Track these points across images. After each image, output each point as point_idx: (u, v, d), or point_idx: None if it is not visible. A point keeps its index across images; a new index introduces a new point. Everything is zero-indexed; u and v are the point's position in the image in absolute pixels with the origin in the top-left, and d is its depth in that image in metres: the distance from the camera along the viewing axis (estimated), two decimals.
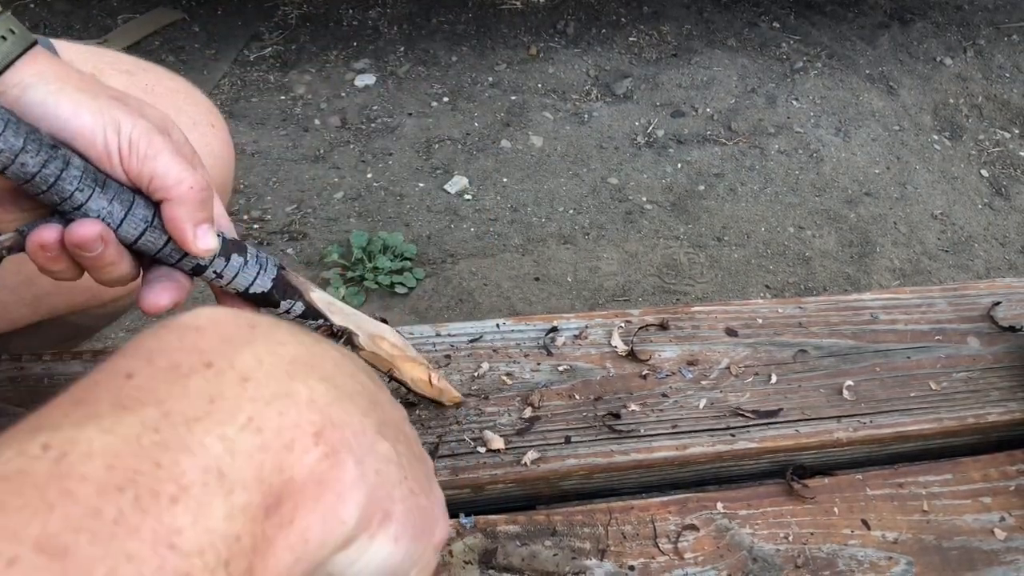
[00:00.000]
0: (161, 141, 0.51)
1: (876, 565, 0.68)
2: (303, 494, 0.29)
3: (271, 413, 0.29)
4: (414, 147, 2.31)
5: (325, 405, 0.31)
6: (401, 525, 0.33)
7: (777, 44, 2.83)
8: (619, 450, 0.73)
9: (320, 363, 0.33)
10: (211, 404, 0.28)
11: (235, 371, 0.30)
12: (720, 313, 0.87)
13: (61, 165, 0.49)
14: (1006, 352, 0.86)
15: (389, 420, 0.35)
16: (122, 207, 0.51)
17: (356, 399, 0.33)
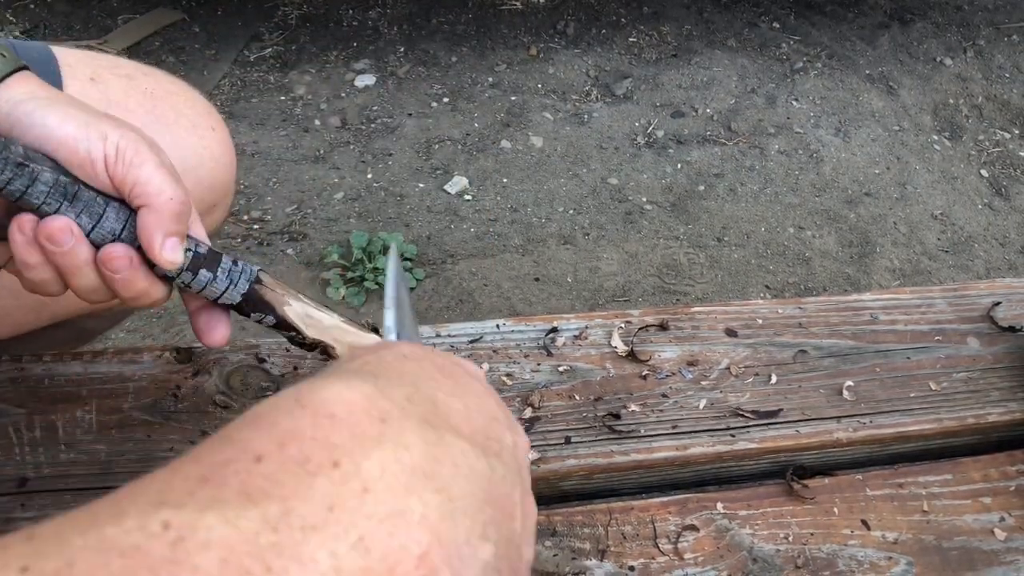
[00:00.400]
0: (148, 151, 0.52)
1: (876, 565, 0.68)
2: None
3: (382, 533, 0.29)
4: (414, 147, 2.31)
5: (437, 521, 0.30)
6: None
7: (777, 44, 2.83)
8: (619, 450, 0.73)
9: (440, 468, 0.32)
10: (330, 513, 0.28)
11: (359, 479, 0.30)
12: (720, 313, 0.87)
13: (27, 182, 0.51)
14: (1006, 352, 0.86)
15: (498, 503, 0.34)
16: (91, 219, 0.53)
17: (469, 504, 0.32)
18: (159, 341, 1.71)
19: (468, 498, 0.32)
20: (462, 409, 0.36)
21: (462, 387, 0.39)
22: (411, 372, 0.38)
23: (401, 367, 0.38)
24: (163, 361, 0.77)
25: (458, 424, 0.35)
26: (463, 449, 0.33)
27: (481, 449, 0.35)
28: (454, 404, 0.36)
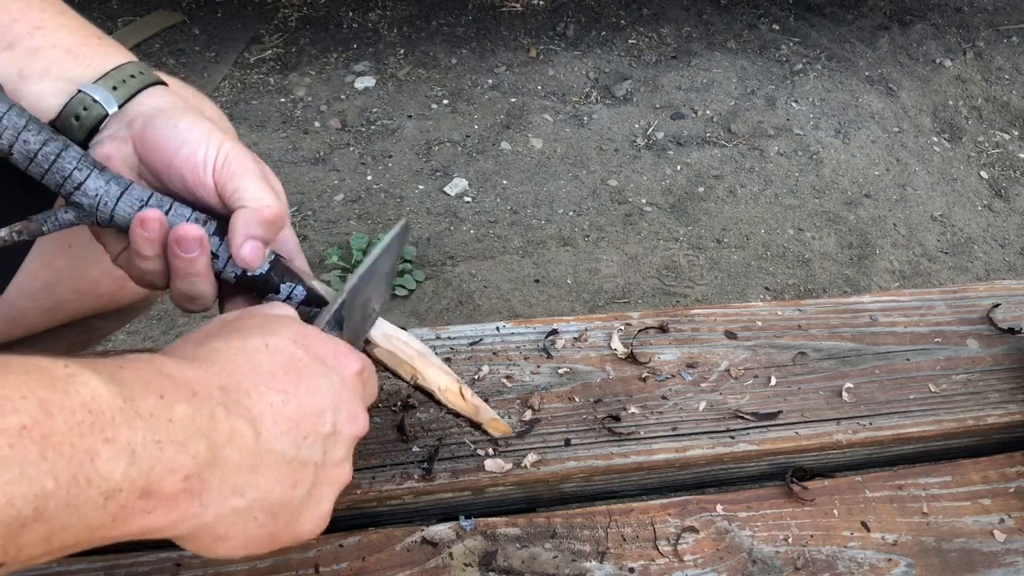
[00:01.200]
0: (253, 165, 0.57)
1: (876, 567, 0.68)
2: (161, 502, 0.40)
3: (174, 450, 0.40)
4: (414, 149, 2.31)
5: (203, 466, 0.42)
6: (239, 542, 0.46)
7: (777, 46, 2.83)
8: (619, 452, 0.73)
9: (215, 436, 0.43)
10: (171, 422, 0.40)
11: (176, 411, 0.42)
12: (720, 315, 0.87)
13: (61, 146, 0.54)
14: (1005, 354, 0.86)
15: (264, 478, 0.46)
16: (118, 187, 0.55)
17: (232, 465, 0.44)
18: (159, 343, 1.71)
19: (229, 464, 0.44)
20: (276, 403, 0.48)
21: (296, 385, 0.49)
22: (248, 364, 0.48)
23: (246, 359, 0.49)
24: None
25: (258, 414, 0.46)
26: (242, 430, 0.45)
27: (269, 436, 0.46)
28: (271, 398, 0.48)
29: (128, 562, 0.63)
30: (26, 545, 0.34)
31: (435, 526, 0.67)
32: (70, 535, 0.36)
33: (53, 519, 0.34)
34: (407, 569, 0.64)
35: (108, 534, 0.38)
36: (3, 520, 0.32)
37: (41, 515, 0.33)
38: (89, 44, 0.59)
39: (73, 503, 0.35)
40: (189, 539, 0.44)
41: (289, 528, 0.49)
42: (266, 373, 0.48)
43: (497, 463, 0.71)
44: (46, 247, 0.74)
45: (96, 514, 0.36)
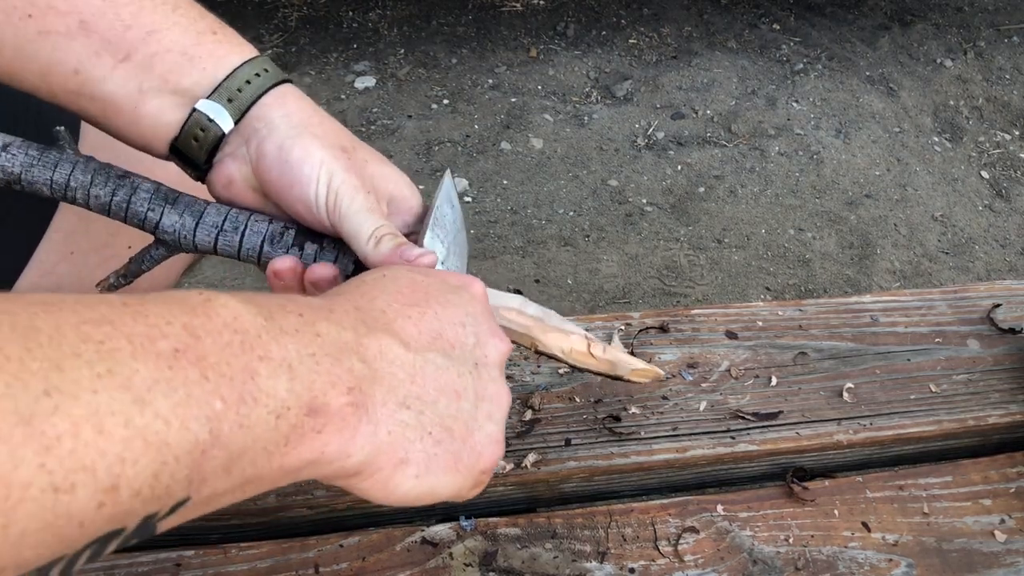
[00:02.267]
0: (362, 201, 0.56)
1: (876, 567, 0.68)
2: (331, 420, 0.38)
3: (330, 363, 0.39)
4: (414, 149, 2.31)
5: (362, 379, 0.40)
6: (423, 467, 0.43)
7: (777, 46, 2.83)
8: (619, 452, 0.73)
9: (365, 351, 0.42)
10: (318, 336, 0.39)
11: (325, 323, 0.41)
12: (720, 315, 0.87)
13: (129, 191, 0.57)
14: (1006, 354, 0.86)
15: (424, 388, 0.44)
16: (193, 218, 0.57)
17: (388, 379, 0.42)
18: None
19: (388, 377, 0.42)
20: (414, 316, 0.46)
21: (427, 300, 0.48)
22: (375, 288, 0.47)
23: (371, 285, 0.48)
24: None
25: (400, 327, 0.45)
26: (388, 343, 0.43)
27: (419, 347, 0.45)
28: (407, 311, 0.46)
29: (127, 562, 0.63)
30: (209, 476, 0.32)
31: (435, 526, 0.67)
32: (248, 462, 0.34)
33: (230, 442, 0.33)
34: (407, 569, 0.64)
35: (284, 461, 0.36)
36: (183, 446, 0.31)
37: (218, 438, 0.32)
38: (203, 43, 0.57)
39: (245, 423, 0.34)
40: (371, 470, 0.41)
41: (467, 447, 0.46)
42: (394, 291, 0.47)
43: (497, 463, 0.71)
44: (48, 255, 0.74)
45: (270, 435, 0.35)
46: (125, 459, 0.28)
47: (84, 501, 0.27)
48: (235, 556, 0.64)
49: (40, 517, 0.26)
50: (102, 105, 0.56)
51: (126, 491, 0.28)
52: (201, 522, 0.66)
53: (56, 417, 0.26)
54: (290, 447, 0.36)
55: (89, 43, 0.54)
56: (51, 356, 0.27)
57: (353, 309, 0.43)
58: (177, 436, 0.30)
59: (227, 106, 0.56)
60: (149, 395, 0.30)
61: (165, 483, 0.30)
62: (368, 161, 0.59)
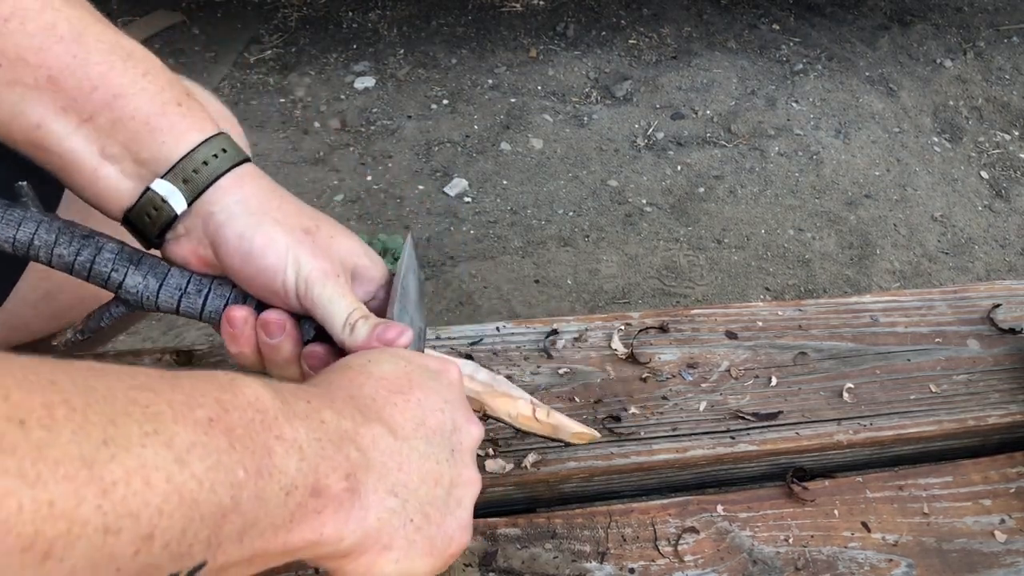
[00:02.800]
0: (332, 287, 0.57)
1: (876, 567, 0.67)
2: (329, 502, 0.41)
3: (332, 450, 0.42)
4: (414, 149, 2.31)
5: (358, 467, 0.43)
6: (403, 552, 0.46)
7: (777, 46, 2.83)
8: (619, 453, 0.73)
9: (360, 440, 0.45)
10: (323, 423, 0.42)
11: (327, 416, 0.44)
12: (720, 316, 0.87)
13: (93, 252, 0.57)
14: (1006, 354, 0.86)
15: (409, 476, 0.47)
16: (156, 280, 0.58)
17: (380, 467, 0.45)
18: (159, 343, 1.71)
19: (379, 466, 0.45)
20: (399, 403, 0.49)
21: (410, 388, 0.50)
22: (362, 375, 0.50)
23: (357, 371, 0.50)
24: (163, 364, 0.77)
25: (388, 415, 0.48)
26: (380, 432, 0.46)
27: (405, 436, 0.47)
28: (393, 399, 0.49)
29: None
30: (224, 540, 0.35)
31: None
32: (257, 534, 0.37)
33: (247, 511, 0.35)
34: None
35: (288, 539, 0.39)
36: (209, 507, 0.33)
37: (237, 505, 0.35)
38: (167, 115, 0.57)
39: (261, 495, 0.36)
40: (358, 553, 0.44)
41: (441, 532, 0.48)
42: (379, 378, 0.50)
43: (498, 463, 0.71)
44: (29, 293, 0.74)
45: (279, 511, 0.37)
46: (163, 511, 0.31)
47: (125, 546, 0.29)
48: None
49: (90, 556, 0.28)
50: (61, 160, 0.56)
51: (159, 542, 0.31)
52: None
53: (113, 464, 0.29)
54: (294, 524, 0.39)
55: (56, 98, 0.54)
56: (107, 412, 0.30)
57: (348, 398, 0.47)
58: (207, 497, 0.33)
59: (182, 187, 0.56)
60: (188, 456, 0.32)
61: (189, 541, 0.32)
62: (333, 237, 0.60)
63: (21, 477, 0.26)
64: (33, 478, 0.26)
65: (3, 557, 0.25)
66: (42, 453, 0.27)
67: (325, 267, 0.57)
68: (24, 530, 0.26)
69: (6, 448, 0.26)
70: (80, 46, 0.55)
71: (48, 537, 0.26)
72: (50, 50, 0.54)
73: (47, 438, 0.27)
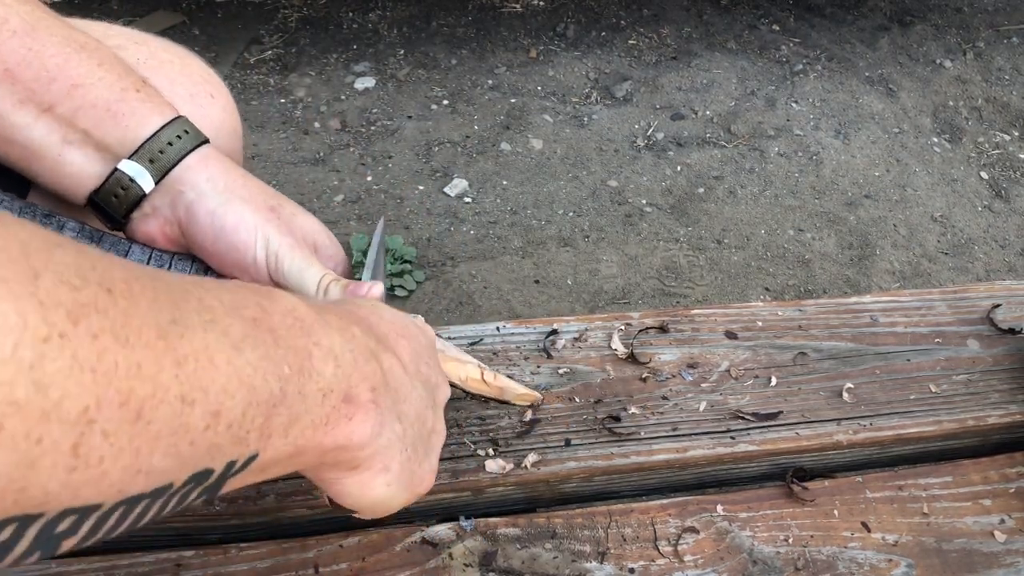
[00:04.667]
0: (301, 258, 0.61)
1: (876, 567, 0.68)
2: (358, 410, 0.43)
3: (362, 362, 0.44)
4: (414, 150, 2.31)
5: (380, 384, 0.45)
6: (395, 477, 0.47)
7: (777, 46, 2.83)
8: (619, 453, 0.73)
9: (380, 363, 0.46)
10: (354, 337, 0.44)
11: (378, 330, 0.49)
12: (720, 316, 0.87)
13: (55, 230, 0.56)
14: (1006, 354, 0.86)
15: (410, 410, 0.49)
16: (118, 256, 0.57)
17: (394, 392, 0.47)
18: None
19: (394, 390, 0.47)
20: (403, 346, 0.51)
21: (404, 333, 0.52)
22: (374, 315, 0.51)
23: (368, 311, 0.51)
24: None
25: (400, 351, 0.50)
26: (394, 361, 0.48)
27: (410, 373, 0.50)
28: (401, 342, 0.51)
29: (127, 562, 0.63)
30: (275, 432, 0.36)
31: (435, 526, 0.67)
32: (299, 431, 0.38)
33: (292, 404, 0.37)
34: (407, 569, 0.64)
35: (323, 440, 0.40)
36: (263, 395, 0.35)
37: (284, 397, 0.36)
38: (127, 100, 0.58)
39: (303, 392, 0.38)
40: (364, 467, 0.45)
41: (420, 469, 0.51)
42: (388, 321, 0.52)
43: (498, 463, 0.71)
44: None
45: (318, 410, 0.39)
46: (227, 391, 0.32)
47: (198, 419, 0.31)
48: (235, 556, 0.64)
49: (171, 423, 0.30)
50: (22, 151, 0.57)
51: (224, 421, 0.32)
52: (201, 522, 0.66)
53: (184, 341, 0.31)
54: (329, 427, 0.41)
55: (13, 91, 0.55)
56: (172, 297, 0.32)
57: (368, 327, 0.48)
58: (261, 383, 0.35)
59: (148, 167, 0.58)
60: (243, 344, 0.34)
61: (247, 425, 0.34)
62: (295, 215, 0.64)
63: (115, 337, 0.28)
64: (123, 340, 0.28)
65: (105, 410, 0.27)
66: (128, 319, 0.28)
67: (291, 242, 0.60)
68: (121, 386, 0.27)
69: (100, 310, 0.27)
70: (34, 39, 0.56)
71: (140, 396, 0.28)
72: (4, 44, 0.55)
73: (129, 307, 0.29)
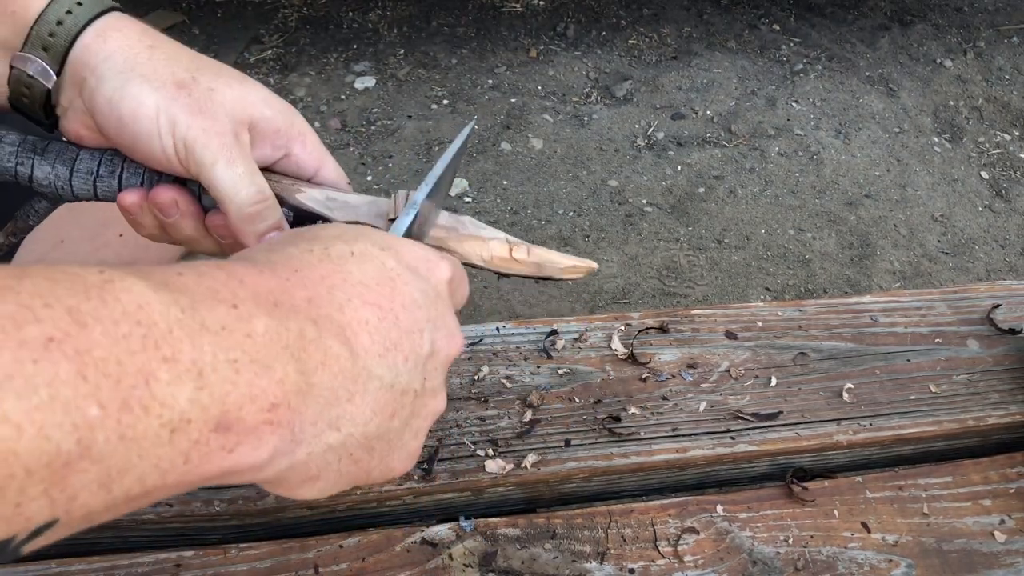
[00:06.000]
0: (218, 146, 0.50)
1: (876, 568, 0.67)
2: (244, 439, 0.33)
3: (254, 373, 0.34)
4: (414, 149, 2.31)
5: (292, 394, 0.35)
6: (330, 483, 0.40)
7: (777, 46, 2.83)
8: (619, 453, 0.73)
9: (306, 357, 0.37)
10: (248, 338, 0.34)
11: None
12: (720, 316, 0.87)
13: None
14: (1006, 354, 0.86)
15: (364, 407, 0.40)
16: (66, 167, 0.53)
17: (324, 392, 0.38)
18: None
19: (325, 393, 0.38)
20: (372, 320, 0.41)
21: (391, 298, 0.42)
22: (338, 274, 0.41)
23: (335, 266, 0.42)
24: None
25: (353, 333, 0.40)
26: (336, 352, 0.38)
27: (374, 355, 0.40)
28: (365, 313, 0.41)
29: (128, 562, 0.62)
30: (80, 492, 0.27)
31: (435, 527, 0.67)
32: (134, 480, 0.29)
33: (106, 457, 0.28)
34: (407, 570, 0.64)
35: (184, 479, 0.31)
36: (39, 459, 0.25)
37: (88, 451, 0.27)
38: None
39: (129, 435, 0.28)
40: (274, 483, 0.38)
41: (382, 464, 0.43)
42: (358, 283, 0.41)
43: (497, 464, 0.71)
44: (38, 244, 0.74)
45: (162, 452, 0.30)
46: None
47: None
48: (235, 556, 0.63)
49: None
50: None
51: None
52: (201, 522, 0.66)
53: None
54: (191, 466, 0.31)
55: None
56: None
57: (305, 302, 0.38)
58: (30, 445, 0.25)
59: (43, 56, 0.50)
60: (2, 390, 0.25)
61: (14, 500, 0.25)
62: (214, 89, 0.51)
63: None
64: None
65: None
66: None
67: (205, 124, 0.49)
68: None
69: None
70: None
71: None
72: None
73: None
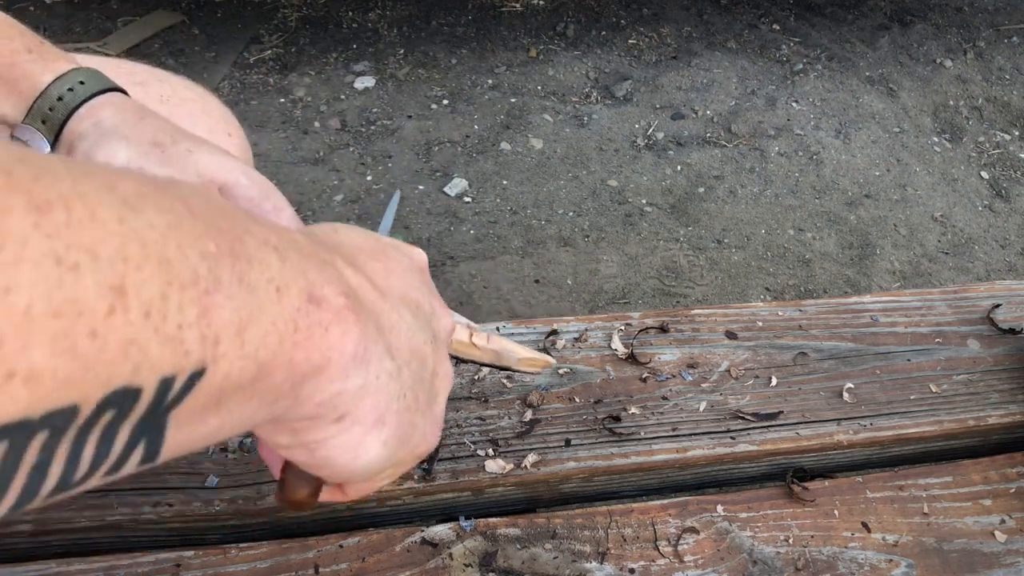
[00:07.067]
0: None
1: (876, 568, 0.67)
2: (334, 317, 0.33)
3: (315, 263, 0.34)
4: (414, 149, 2.31)
5: (352, 296, 0.35)
6: (391, 432, 0.39)
7: (777, 46, 2.83)
8: (619, 453, 0.73)
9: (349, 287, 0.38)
10: (295, 242, 0.34)
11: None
12: (720, 316, 0.87)
13: None
14: (1006, 354, 0.86)
15: (400, 342, 0.40)
16: None
17: (374, 316, 0.38)
18: None
19: (374, 311, 0.38)
20: (379, 269, 0.42)
21: (386, 259, 0.44)
22: (336, 236, 0.43)
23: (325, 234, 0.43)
24: None
25: (371, 272, 0.41)
26: (363, 281, 0.39)
27: (390, 297, 0.41)
28: (373, 264, 0.42)
29: (127, 562, 0.62)
30: (222, 333, 0.27)
31: (435, 526, 0.67)
32: (258, 335, 0.29)
33: (234, 296, 0.28)
34: (407, 569, 0.64)
35: (294, 354, 0.31)
36: (185, 273, 0.26)
37: (219, 282, 0.27)
38: (18, 65, 0.57)
39: (245, 279, 0.28)
40: (351, 419, 0.37)
41: (422, 422, 0.42)
42: (353, 244, 0.43)
43: (497, 463, 0.71)
44: None
45: (276, 311, 0.30)
46: (127, 258, 0.24)
47: (91, 290, 0.23)
48: (235, 556, 0.63)
49: (45, 289, 0.22)
50: None
51: (136, 304, 0.24)
52: (201, 522, 0.66)
53: (40, 184, 0.22)
54: (299, 336, 0.31)
55: None
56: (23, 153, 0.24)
57: (318, 240, 0.38)
58: (176, 256, 0.26)
59: (41, 128, 0.56)
60: (138, 203, 0.25)
61: (176, 318, 0.25)
62: (192, 152, 0.55)
63: None
64: None
65: None
66: None
67: (172, 173, 0.52)
68: None
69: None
70: None
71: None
72: None
73: None
